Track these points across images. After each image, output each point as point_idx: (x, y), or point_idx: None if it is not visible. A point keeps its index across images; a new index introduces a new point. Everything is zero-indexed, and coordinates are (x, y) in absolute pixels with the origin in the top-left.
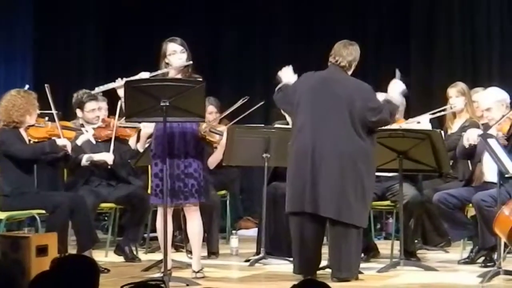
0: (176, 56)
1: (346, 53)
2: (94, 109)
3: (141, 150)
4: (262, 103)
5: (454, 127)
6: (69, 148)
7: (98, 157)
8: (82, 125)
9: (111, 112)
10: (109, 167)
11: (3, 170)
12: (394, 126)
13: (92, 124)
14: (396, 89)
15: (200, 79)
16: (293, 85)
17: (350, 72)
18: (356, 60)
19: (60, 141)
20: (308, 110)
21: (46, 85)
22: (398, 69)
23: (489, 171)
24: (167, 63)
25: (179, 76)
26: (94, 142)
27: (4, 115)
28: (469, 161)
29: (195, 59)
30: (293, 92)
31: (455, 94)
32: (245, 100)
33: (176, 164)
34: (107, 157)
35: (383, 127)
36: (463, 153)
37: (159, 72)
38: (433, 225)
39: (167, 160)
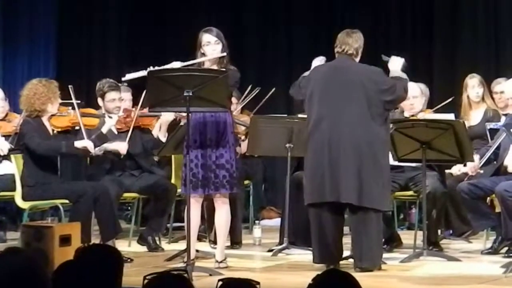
0: (210, 47)
1: (351, 40)
2: (115, 99)
3: (162, 139)
4: (273, 90)
5: (472, 118)
6: (91, 149)
7: (111, 146)
8: (104, 115)
9: (135, 103)
10: (121, 157)
11: (27, 161)
12: (420, 116)
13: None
14: (395, 64)
15: (225, 70)
16: (307, 76)
17: (357, 59)
18: (361, 46)
19: (79, 143)
20: (323, 101)
21: (70, 86)
22: (383, 55)
23: None
24: (203, 54)
25: (214, 67)
26: (116, 132)
27: (26, 103)
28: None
29: None
30: (307, 82)
31: (477, 83)
32: (257, 91)
33: (208, 154)
34: (121, 146)
35: (408, 118)
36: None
37: (193, 61)
38: (458, 214)
39: (198, 151)
